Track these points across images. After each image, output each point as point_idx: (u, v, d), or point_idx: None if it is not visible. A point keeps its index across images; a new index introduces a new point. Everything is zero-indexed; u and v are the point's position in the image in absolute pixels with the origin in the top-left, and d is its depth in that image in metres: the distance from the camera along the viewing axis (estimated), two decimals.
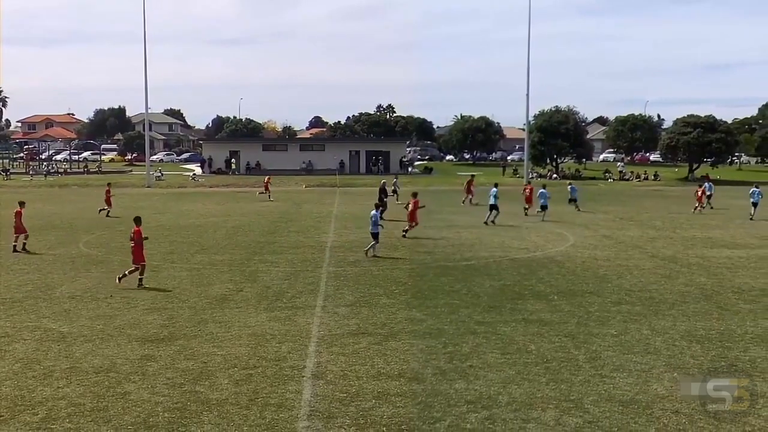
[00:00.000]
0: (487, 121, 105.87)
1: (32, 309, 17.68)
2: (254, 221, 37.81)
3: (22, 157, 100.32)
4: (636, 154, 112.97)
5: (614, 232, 32.55)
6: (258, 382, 12.27)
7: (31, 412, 10.98)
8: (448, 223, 36.56)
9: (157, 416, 10.82)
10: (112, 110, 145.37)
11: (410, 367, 13.11)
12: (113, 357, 13.73)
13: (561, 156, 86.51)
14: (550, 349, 14.15)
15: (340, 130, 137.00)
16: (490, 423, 10.51)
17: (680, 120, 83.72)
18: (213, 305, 18.00)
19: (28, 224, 35.75)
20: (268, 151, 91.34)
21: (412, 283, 20.79)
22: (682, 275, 22.00)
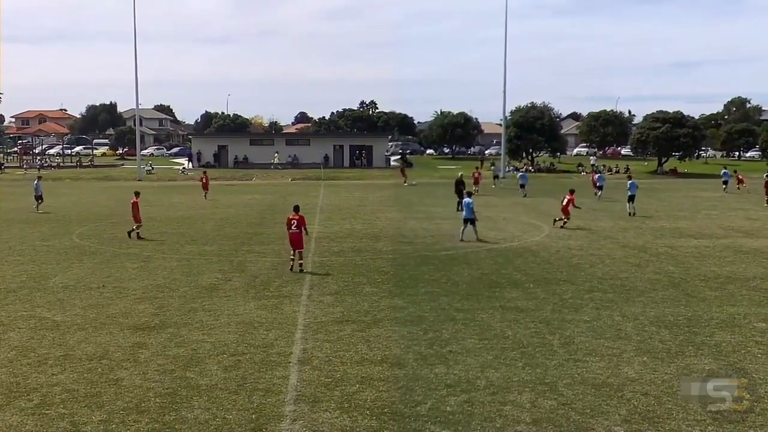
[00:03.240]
0: (465, 117, 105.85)
1: (27, 299, 17.55)
2: (242, 213, 37.69)
3: (16, 152, 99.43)
4: (608, 148, 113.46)
5: (587, 223, 32.68)
6: (246, 368, 12.25)
7: (26, 398, 10.91)
8: (428, 214, 36.59)
9: (148, 401, 10.78)
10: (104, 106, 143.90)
11: (392, 352, 13.14)
12: (106, 345, 13.66)
13: (536, 150, 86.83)
14: (526, 335, 14.21)
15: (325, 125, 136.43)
16: (468, 406, 10.55)
17: (650, 116, 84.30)
18: (202, 294, 17.94)
19: (22, 216, 35.60)
20: (255, 145, 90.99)
21: (394, 273, 20.80)
22: (651, 264, 22.15)
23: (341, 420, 10.07)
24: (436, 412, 10.31)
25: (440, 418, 10.12)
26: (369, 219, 34.70)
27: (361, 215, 36.41)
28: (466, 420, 10.06)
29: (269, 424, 9.95)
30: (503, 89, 74.61)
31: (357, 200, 45.93)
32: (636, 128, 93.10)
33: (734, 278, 19.92)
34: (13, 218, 35.11)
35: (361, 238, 27.99)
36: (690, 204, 43.12)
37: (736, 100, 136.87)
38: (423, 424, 9.94)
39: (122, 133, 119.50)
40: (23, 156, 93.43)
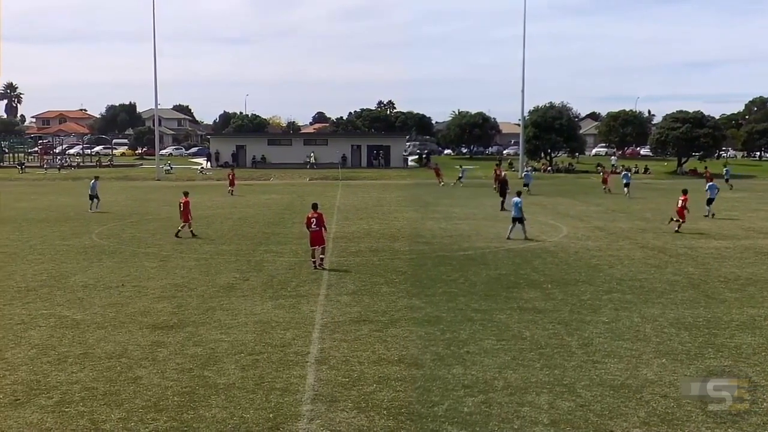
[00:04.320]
0: (483, 117, 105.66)
1: (47, 297, 17.69)
2: (260, 213, 37.81)
3: (37, 152, 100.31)
4: (627, 148, 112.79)
5: (606, 224, 32.53)
6: (264, 368, 12.28)
7: (47, 396, 11.00)
8: (445, 214, 36.55)
9: (167, 400, 10.84)
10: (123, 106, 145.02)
11: (410, 352, 13.13)
12: (125, 343, 13.75)
13: (555, 150, 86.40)
14: (544, 336, 14.16)
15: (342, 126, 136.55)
16: (486, 406, 10.52)
17: (669, 116, 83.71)
18: (220, 293, 18.02)
19: (43, 215, 35.92)
20: (273, 145, 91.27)
21: (412, 273, 20.79)
22: (670, 265, 21.99)
23: (358, 420, 10.08)
24: (454, 413, 10.29)
25: (457, 418, 10.10)
26: (386, 219, 34.70)
27: (379, 215, 36.42)
28: (484, 421, 10.03)
29: (286, 424, 9.97)
30: (521, 89, 74.36)
31: (374, 200, 45.95)
32: (655, 128, 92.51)
33: (755, 280, 19.73)
34: (34, 217, 35.42)
35: (379, 238, 27.99)
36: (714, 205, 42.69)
37: (757, 99, 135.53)
38: (440, 424, 9.92)
39: (141, 133, 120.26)
40: (44, 156, 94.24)
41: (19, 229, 30.60)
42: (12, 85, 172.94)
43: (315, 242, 21.21)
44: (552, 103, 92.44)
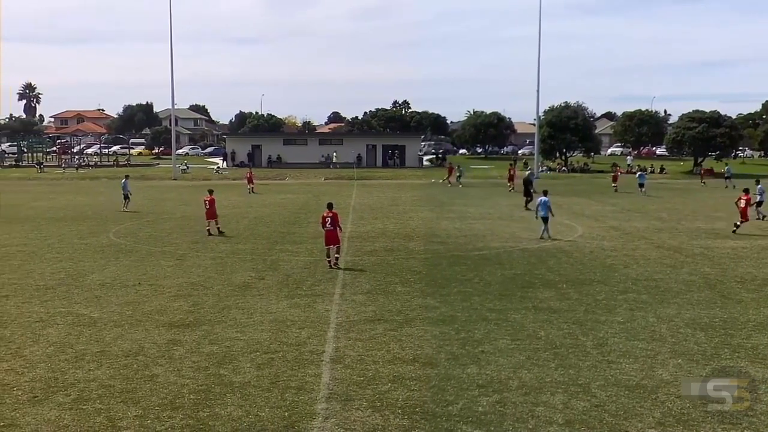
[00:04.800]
0: (498, 117, 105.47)
1: (65, 295, 17.82)
2: (275, 212, 37.90)
3: (55, 151, 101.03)
4: (642, 148, 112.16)
5: (621, 224, 32.38)
6: (279, 366, 12.32)
7: (64, 393, 11.08)
8: (460, 214, 36.49)
9: (183, 398, 10.89)
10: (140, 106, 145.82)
11: (424, 352, 13.13)
12: (141, 341, 13.83)
13: (570, 150, 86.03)
14: (559, 336, 14.11)
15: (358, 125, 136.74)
16: (500, 406, 10.51)
17: (686, 115, 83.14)
18: (236, 292, 18.08)
19: (61, 214, 36.18)
20: (288, 145, 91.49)
21: (426, 272, 20.78)
22: (686, 265, 21.86)
23: (373, 418, 10.09)
24: (468, 412, 10.28)
25: (472, 418, 10.09)
26: (401, 219, 34.69)
27: (394, 215, 36.41)
28: (498, 420, 10.02)
29: (301, 422, 10.00)
30: (537, 88, 74.10)
31: (389, 200, 45.93)
32: (671, 128, 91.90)
33: None
34: (52, 216, 35.67)
35: (394, 237, 27.99)
36: (726, 205, 42.36)
37: None
38: (455, 423, 9.92)
39: (158, 133, 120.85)
40: (62, 155, 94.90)
41: (38, 228, 30.84)
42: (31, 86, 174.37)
43: (330, 241, 21.26)
44: (567, 102, 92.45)
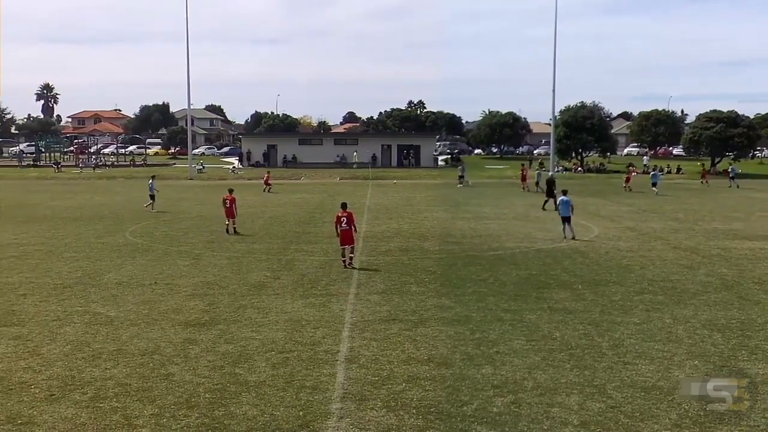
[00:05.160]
0: (514, 117, 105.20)
1: (82, 294, 17.94)
2: (291, 212, 37.99)
3: (72, 151, 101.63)
4: (659, 148, 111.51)
5: (637, 224, 32.22)
6: (294, 366, 12.35)
7: (81, 392, 11.16)
8: (475, 214, 36.44)
9: (198, 396, 10.94)
10: (157, 106, 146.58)
11: (439, 352, 13.12)
12: (157, 340, 13.90)
13: (586, 150, 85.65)
14: (574, 337, 14.06)
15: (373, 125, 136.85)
16: (515, 407, 10.48)
17: (703, 115, 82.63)
18: (251, 292, 18.13)
19: (78, 214, 36.43)
20: (304, 145, 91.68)
21: (441, 272, 20.76)
22: (703, 266, 21.72)
23: (387, 418, 10.09)
24: (483, 413, 10.26)
25: (486, 418, 10.07)
26: (416, 219, 34.68)
27: (409, 215, 36.41)
28: (513, 421, 9.99)
29: (316, 422, 10.02)
30: (552, 88, 73.81)
31: (404, 200, 45.94)
32: (688, 128, 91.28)
33: None
34: (69, 216, 35.93)
35: (409, 237, 27.99)
36: (744, 205, 42.13)
37: None
38: (469, 424, 9.90)
39: (174, 133, 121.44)
40: (79, 155, 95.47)
41: (55, 228, 31.07)
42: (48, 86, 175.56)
43: (345, 241, 21.30)
44: (583, 102, 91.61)
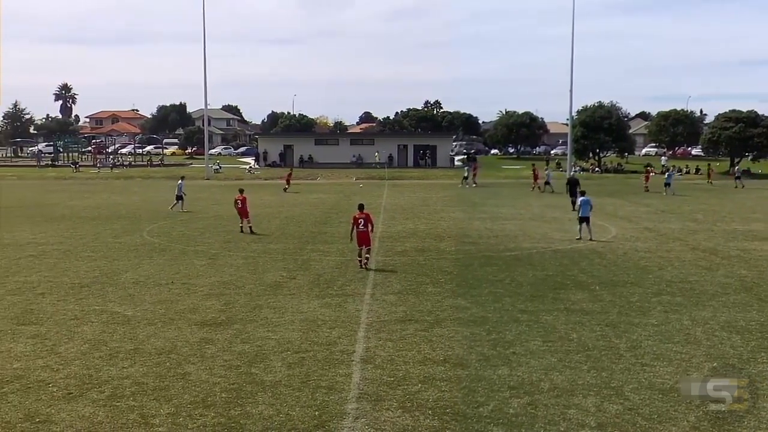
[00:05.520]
0: (531, 116, 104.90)
1: (99, 293, 18.04)
2: (307, 212, 38.05)
3: (90, 151, 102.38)
4: (677, 148, 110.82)
5: (655, 225, 32.02)
6: (310, 366, 12.36)
7: (98, 390, 11.22)
8: (491, 214, 36.35)
9: (214, 396, 10.97)
10: (174, 106, 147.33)
11: (455, 353, 13.08)
12: (174, 339, 13.95)
13: (603, 150, 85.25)
14: (592, 338, 13.98)
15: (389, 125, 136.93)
16: (532, 408, 10.44)
17: (722, 115, 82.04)
18: (268, 292, 18.17)
19: (95, 214, 36.67)
20: (320, 145, 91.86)
21: (458, 273, 20.72)
22: (722, 267, 21.55)
23: (403, 419, 10.08)
24: (499, 414, 10.22)
25: (503, 419, 10.04)
26: (432, 219, 34.65)
27: (425, 215, 36.38)
28: (530, 422, 9.95)
29: (332, 422, 10.02)
30: (570, 88, 73.50)
31: (420, 200, 45.91)
32: (707, 128, 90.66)
33: None
34: (87, 216, 36.18)
35: (425, 237, 27.96)
36: (764, 206, 41.77)
37: None
38: (485, 425, 9.87)
39: (191, 133, 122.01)
40: (97, 155, 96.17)
41: (73, 227, 31.29)
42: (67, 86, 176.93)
43: (362, 242, 21.29)
44: (601, 102, 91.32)
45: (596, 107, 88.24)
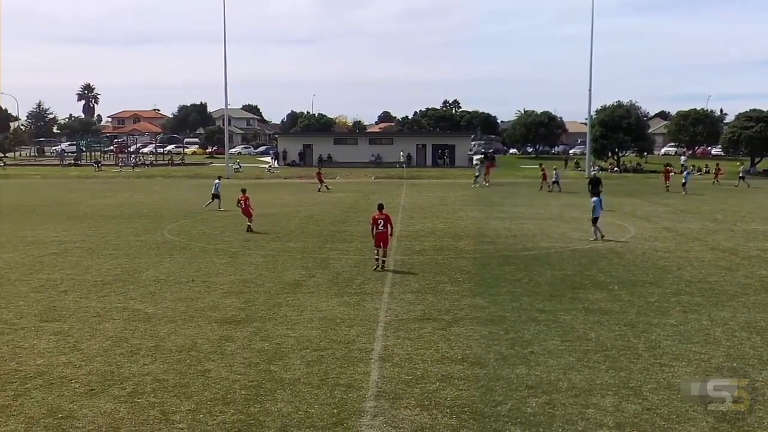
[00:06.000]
0: (549, 116, 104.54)
1: (121, 291, 18.18)
2: (325, 211, 38.11)
3: (112, 150, 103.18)
4: (697, 147, 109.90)
5: (675, 225, 31.78)
6: (328, 364, 12.38)
7: (120, 387, 11.31)
8: (510, 214, 36.23)
9: (234, 393, 11.02)
10: (194, 106, 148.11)
11: (473, 351, 13.06)
12: (194, 337, 14.03)
13: (622, 150, 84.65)
14: (610, 338, 13.91)
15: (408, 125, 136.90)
16: (550, 407, 10.40)
17: (742, 114, 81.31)
18: (287, 290, 18.22)
19: (117, 212, 36.95)
20: (339, 144, 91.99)
21: (476, 272, 20.68)
22: (742, 267, 21.35)
23: (421, 417, 10.07)
24: (517, 413, 10.19)
25: (521, 418, 10.01)
26: (451, 218, 34.59)
27: (443, 214, 36.32)
28: (548, 422, 9.92)
29: (350, 419, 10.03)
30: (589, 88, 73.16)
31: (439, 199, 45.83)
32: (727, 127, 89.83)
33: None
34: (108, 214, 36.44)
35: (443, 237, 27.93)
36: None
37: None
38: (503, 424, 9.85)
39: (211, 133, 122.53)
40: (119, 154, 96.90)
41: (95, 225, 31.53)
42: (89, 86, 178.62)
43: (381, 243, 21.06)
44: (620, 101, 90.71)
45: (615, 107, 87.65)
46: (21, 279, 19.60)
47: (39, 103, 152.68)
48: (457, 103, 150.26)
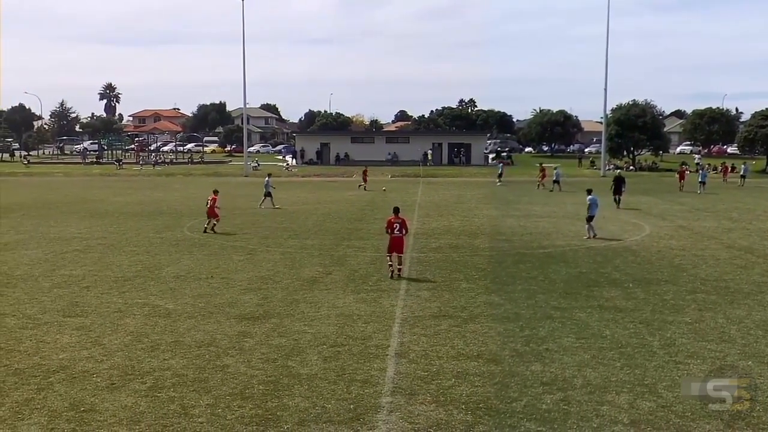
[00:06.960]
0: (565, 115, 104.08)
1: (141, 287, 18.30)
2: (343, 209, 38.14)
3: (133, 149, 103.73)
4: (713, 146, 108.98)
5: (690, 223, 31.55)
6: (345, 359, 12.40)
7: (140, 381, 11.38)
8: (525, 212, 36.11)
9: (252, 388, 11.06)
10: (214, 105, 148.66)
11: (488, 348, 13.04)
12: (213, 332, 14.09)
13: (638, 148, 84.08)
14: (625, 335, 13.84)
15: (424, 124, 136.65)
16: (564, 404, 10.36)
17: (759, 113, 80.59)
18: (304, 287, 18.26)
19: (138, 210, 37.16)
20: (356, 143, 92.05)
21: (491, 270, 20.63)
22: (758, 266, 21.17)
23: (437, 413, 10.07)
24: (532, 410, 10.17)
25: (536, 415, 9.98)
26: (466, 216, 34.52)
27: (459, 212, 36.26)
28: (562, 418, 9.88)
29: (366, 415, 10.04)
30: (604, 87, 72.91)
31: (455, 197, 45.75)
32: (743, 126, 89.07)
33: None
34: (129, 211, 36.67)
35: (459, 234, 27.88)
36: None
37: None
38: (518, 420, 9.82)
39: (230, 131, 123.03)
40: (140, 153, 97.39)
41: (117, 223, 31.74)
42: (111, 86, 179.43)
43: (394, 248, 19.40)
44: (635, 100, 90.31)
45: (631, 105, 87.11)
46: (44, 275, 19.78)
47: (62, 102, 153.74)
48: (473, 102, 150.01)
